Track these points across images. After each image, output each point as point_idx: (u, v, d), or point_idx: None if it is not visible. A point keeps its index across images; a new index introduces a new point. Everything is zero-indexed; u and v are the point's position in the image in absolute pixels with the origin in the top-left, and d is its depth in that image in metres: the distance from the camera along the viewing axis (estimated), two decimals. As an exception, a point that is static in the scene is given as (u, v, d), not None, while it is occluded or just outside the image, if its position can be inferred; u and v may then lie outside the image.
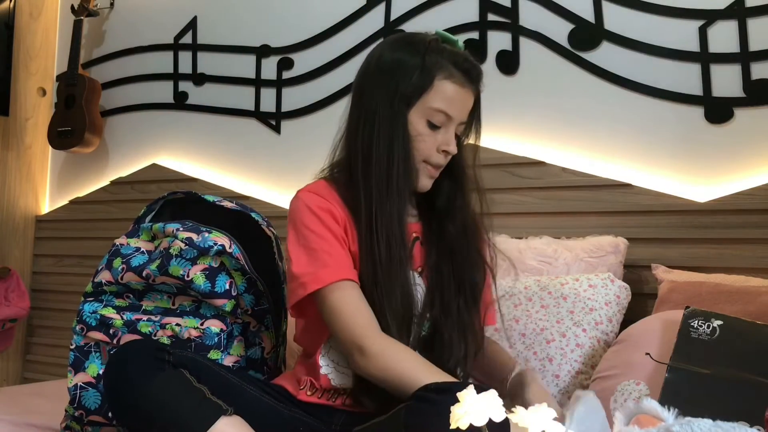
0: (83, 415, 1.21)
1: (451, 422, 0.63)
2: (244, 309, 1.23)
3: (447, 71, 1.10)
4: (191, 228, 1.23)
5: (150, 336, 1.21)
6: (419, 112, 1.10)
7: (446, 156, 1.13)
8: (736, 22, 1.73)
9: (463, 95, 1.12)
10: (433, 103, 1.10)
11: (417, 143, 1.11)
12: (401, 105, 1.10)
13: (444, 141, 1.11)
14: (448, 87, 1.10)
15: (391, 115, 1.09)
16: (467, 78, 1.12)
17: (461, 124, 1.15)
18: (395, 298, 1.07)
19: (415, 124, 1.10)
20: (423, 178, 1.13)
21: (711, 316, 1.24)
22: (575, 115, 1.92)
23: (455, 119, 1.12)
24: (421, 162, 1.12)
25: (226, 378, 1.09)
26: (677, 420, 0.77)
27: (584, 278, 1.63)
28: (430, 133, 1.11)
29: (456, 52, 1.13)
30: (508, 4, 2.03)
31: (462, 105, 1.12)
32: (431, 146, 1.11)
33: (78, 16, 2.79)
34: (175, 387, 0.98)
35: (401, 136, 1.09)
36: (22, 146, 2.92)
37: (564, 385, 1.49)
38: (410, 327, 1.09)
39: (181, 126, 2.66)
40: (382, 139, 1.09)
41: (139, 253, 1.25)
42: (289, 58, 2.43)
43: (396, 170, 1.08)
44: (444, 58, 1.10)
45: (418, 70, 1.09)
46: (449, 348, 1.12)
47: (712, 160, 1.75)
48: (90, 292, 1.27)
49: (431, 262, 1.16)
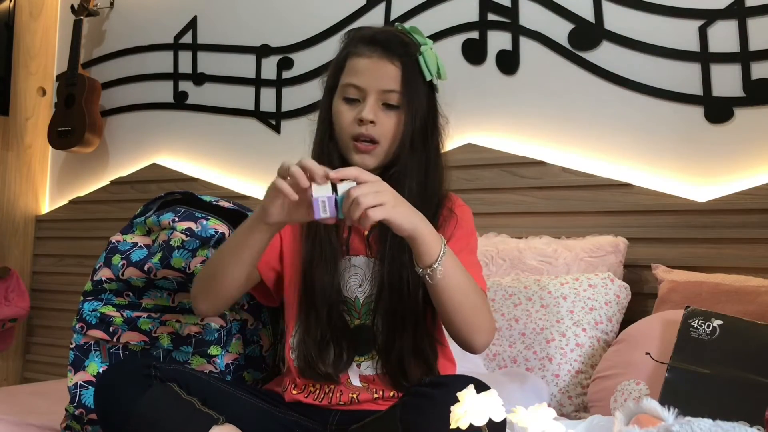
0: (83, 414, 1.21)
1: (451, 422, 0.63)
2: (240, 304, 1.23)
3: (355, 49, 1.13)
4: (187, 216, 1.23)
5: (150, 333, 1.21)
6: (338, 95, 1.14)
7: (362, 124, 1.10)
8: (736, 21, 1.73)
9: (372, 64, 1.11)
10: (344, 80, 1.13)
11: (337, 122, 1.14)
12: (327, 95, 1.17)
13: (359, 111, 1.11)
14: (355, 62, 1.12)
15: (321, 106, 1.18)
16: (373, 46, 1.12)
17: (387, 92, 1.11)
18: (320, 279, 1.10)
19: (335, 107, 1.15)
20: (353, 155, 1.12)
21: (711, 316, 1.24)
22: (575, 115, 1.92)
23: (368, 88, 1.10)
24: (349, 139, 1.12)
25: (216, 386, 1.08)
26: (677, 420, 0.77)
27: (584, 278, 1.63)
28: (347, 108, 1.13)
29: (368, 31, 1.16)
30: (508, 4, 2.03)
31: (373, 74, 1.11)
32: (349, 119, 1.12)
33: (78, 15, 2.79)
34: (164, 403, 0.97)
35: (323, 120, 1.17)
36: (22, 146, 2.92)
37: (564, 384, 1.49)
38: (338, 310, 1.11)
39: (181, 126, 2.66)
40: (316, 129, 1.19)
41: (138, 248, 1.25)
42: (289, 58, 2.43)
43: (319, 153, 1.16)
44: (355, 39, 1.15)
45: (337, 60, 1.16)
46: (388, 346, 1.10)
47: (712, 160, 1.75)
48: (89, 290, 1.27)
49: (381, 253, 1.12)
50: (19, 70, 2.90)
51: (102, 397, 1.01)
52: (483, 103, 2.05)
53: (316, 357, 1.09)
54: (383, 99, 1.12)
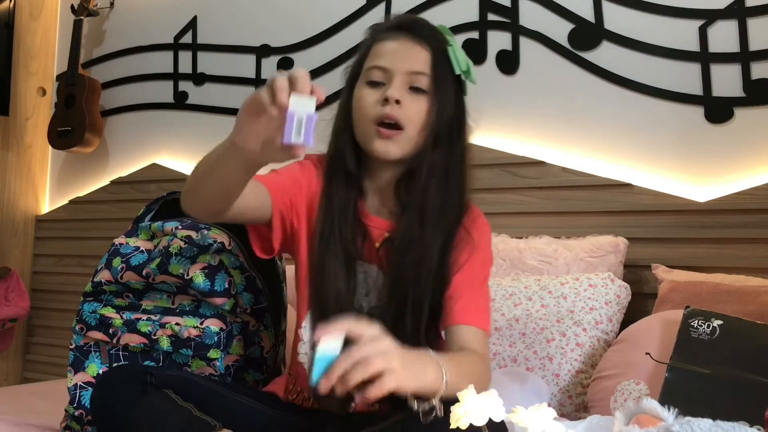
0: (83, 415, 1.21)
1: (451, 422, 0.63)
2: (243, 308, 1.23)
3: (379, 35, 1.09)
4: (190, 225, 1.23)
5: (150, 335, 1.21)
6: (360, 81, 1.08)
7: (386, 104, 1.02)
8: (736, 21, 1.73)
9: (400, 46, 1.05)
10: (368, 64, 1.07)
11: (358, 107, 1.06)
12: (348, 85, 1.11)
13: (384, 91, 1.03)
14: (380, 46, 1.07)
15: (340, 101, 1.11)
16: (399, 31, 1.07)
17: (415, 74, 1.04)
18: (328, 278, 1.04)
19: (357, 92, 1.08)
20: (375, 141, 1.04)
21: (711, 316, 1.24)
22: (575, 115, 1.92)
23: (395, 69, 1.04)
24: (371, 124, 1.04)
25: (213, 390, 1.06)
26: (677, 420, 0.77)
27: (584, 278, 1.63)
28: (371, 92, 1.05)
29: (394, 18, 1.11)
30: (508, 3, 2.03)
31: (399, 55, 1.04)
32: (372, 102, 1.04)
33: (78, 15, 2.79)
34: (160, 410, 0.96)
35: (341, 109, 1.10)
36: (22, 146, 2.92)
37: (564, 384, 1.49)
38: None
39: (181, 126, 2.66)
40: (333, 121, 1.11)
41: (139, 252, 1.25)
42: (289, 58, 2.43)
43: (334, 147, 1.09)
44: (380, 28, 1.10)
45: (361, 51, 1.11)
46: None
47: (712, 160, 1.75)
48: (89, 291, 1.27)
49: (392, 269, 1.06)
50: (19, 70, 2.90)
51: (98, 405, 1.00)
52: (483, 103, 2.03)
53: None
54: (411, 81, 1.04)
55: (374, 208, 1.12)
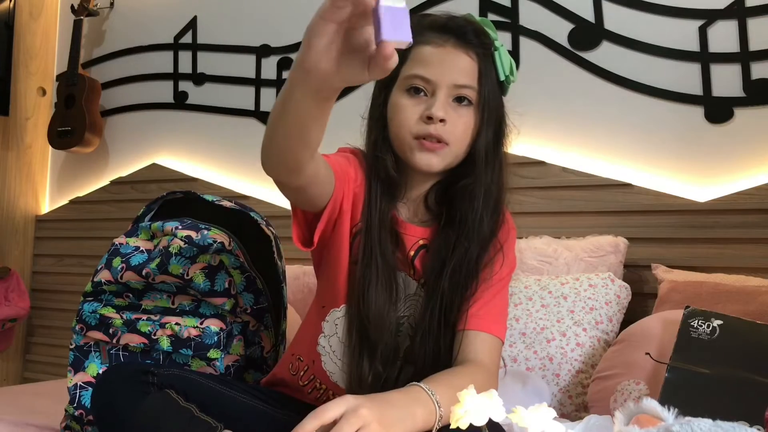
0: (83, 415, 1.21)
1: (451, 422, 0.63)
2: (243, 308, 1.23)
3: (421, 37, 1.00)
4: (190, 225, 1.22)
5: (150, 335, 1.21)
6: (398, 87, 1.02)
7: (430, 122, 0.98)
8: (736, 21, 1.73)
9: (445, 54, 0.99)
10: (408, 71, 1.00)
11: (397, 118, 1.01)
12: (382, 90, 1.05)
13: (428, 107, 0.98)
14: (422, 51, 1.00)
15: (374, 102, 1.06)
16: (445, 35, 0.99)
17: (460, 87, 1.00)
18: (369, 291, 1.01)
19: (394, 100, 1.02)
20: (416, 153, 1.00)
21: (711, 316, 1.24)
22: (575, 114, 1.92)
23: (438, 81, 0.99)
24: (411, 138, 1.00)
25: (216, 390, 1.05)
26: (677, 420, 0.77)
27: (584, 278, 1.63)
28: (412, 102, 1.00)
29: (437, 16, 1.02)
30: (508, 3, 2.03)
31: (445, 65, 0.99)
32: (412, 115, 1.00)
33: (78, 15, 2.79)
34: (161, 411, 0.95)
35: (377, 118, 1.05)
36: (22, 146, 2.92)
37: (564, 384, 1.49)
38: (394, 343, 1.04)
39: (181, 126, 2.66)
40: (367, 129, 1.07)
41: (138, 252, 1.25)
42: (289, 58, 2.43)
43: (373, 155, 1.04)
44: (422, 26, 1.01)
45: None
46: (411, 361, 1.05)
47: (712, 160, 1.75)
48: (89, 291, 1.26)
49: (430, 279, 1.04)
50: (19, 70, 2.90)
51: (99, 405, 0.99)
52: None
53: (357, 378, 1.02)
54: (454, 94, 1.00)
55: (406, 215, 1.10)
